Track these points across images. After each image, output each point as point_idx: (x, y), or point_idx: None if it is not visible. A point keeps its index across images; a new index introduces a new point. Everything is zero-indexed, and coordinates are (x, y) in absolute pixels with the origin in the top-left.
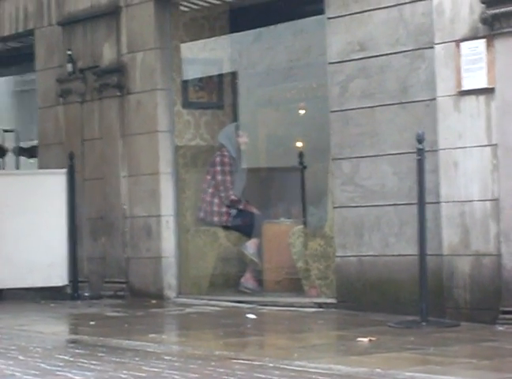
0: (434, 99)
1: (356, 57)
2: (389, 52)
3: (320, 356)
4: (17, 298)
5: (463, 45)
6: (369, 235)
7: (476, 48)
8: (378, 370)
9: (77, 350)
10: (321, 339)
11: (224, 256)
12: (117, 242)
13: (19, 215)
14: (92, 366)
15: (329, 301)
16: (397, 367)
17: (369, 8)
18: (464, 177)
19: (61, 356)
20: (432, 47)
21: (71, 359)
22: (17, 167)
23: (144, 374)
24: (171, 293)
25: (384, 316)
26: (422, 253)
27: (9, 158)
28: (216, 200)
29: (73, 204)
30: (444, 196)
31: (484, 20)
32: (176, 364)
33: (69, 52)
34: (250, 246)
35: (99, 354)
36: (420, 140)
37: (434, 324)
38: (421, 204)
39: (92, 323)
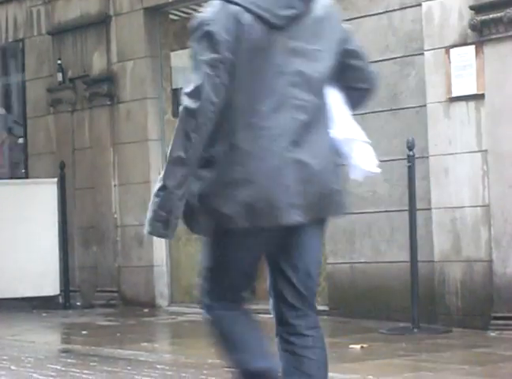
0: (425, 105)
1: None
2: (378, 59)
3: None
4: (9, 307)
5: (452, 51)
6: (360, 242)
7: (466, 54)
8: (371, 377)
9: (69, 360)
10: None
11: None
12: (108, 251)
13: (10, 224)
14: (84, 376)
15: (320, 308)
16: (389, 374)
17: (358, 15)
18: (455, 183)
19: (53, 366)
20: (422, 54)
21: (63, 369)
22: None
23: None
24: (162, 301)
25: (376, 322)
26: (413, 260)
27: None
28: None
29: (65, 213)
30: (435, 202)
31: (473, 27)
32: (169, 372)
33: (59, 61)
34: None
35: (92, 364)
36: (411, 147)
37: (425, 330)
38: (412, 210)
39: (84, 332)
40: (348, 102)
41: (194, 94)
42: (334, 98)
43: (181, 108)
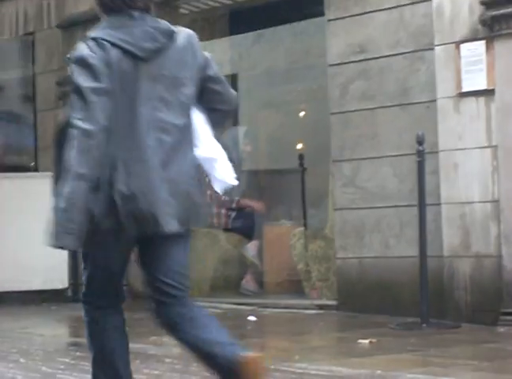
0: (435, 100)
1: (356, 59)
2: (389, 54)
3: (321, 358)
4: (18, 300)
5: (463, 46)
6: (369, 237)
7: (476, 50)
8: (379, 372)
9: (78, 353)
10: (322, 341)
11: (225, 258)
12: None
13: (18, 218)
14: None
15: (329, 302)
16: (397, 369)
17: (369, 10)
18: (465, 178)
19: (62, 359)
20: (432, 49)
21: (72, 362)
22: None
23: (144, 377)
24: None
25: (385, 317)
26: (422, 255)
27: None
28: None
29: None
30: (444, 197)
31: (484, 22)
32: (177, 366)
33: (68, 55)
34: (251, 248)
35: None
36: (420, 142)
37: (434, 325)
38: (421, 205)
39: None
40: (210, 122)
41: (87, 118)
42: (198, 119)
43: (75, 130)
